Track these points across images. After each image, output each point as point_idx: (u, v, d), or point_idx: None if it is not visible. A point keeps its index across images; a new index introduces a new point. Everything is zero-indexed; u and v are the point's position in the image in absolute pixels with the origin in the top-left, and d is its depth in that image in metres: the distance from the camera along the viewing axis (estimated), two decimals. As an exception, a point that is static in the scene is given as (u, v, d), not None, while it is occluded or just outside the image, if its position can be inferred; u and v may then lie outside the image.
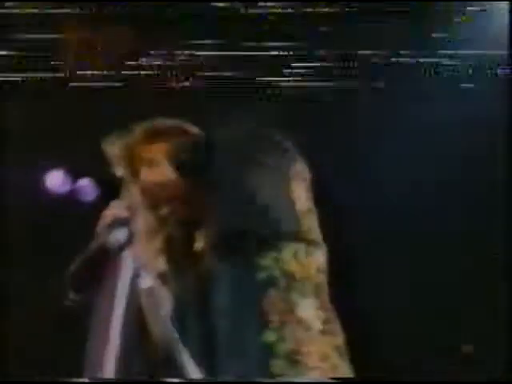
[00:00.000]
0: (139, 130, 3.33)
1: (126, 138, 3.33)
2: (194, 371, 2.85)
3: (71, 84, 6.06)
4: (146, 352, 3.10)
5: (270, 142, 3.28)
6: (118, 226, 2.91)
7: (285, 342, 3.04)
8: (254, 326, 3.06)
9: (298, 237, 3.19)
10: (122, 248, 2.86)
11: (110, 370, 2.81)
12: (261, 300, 3.06)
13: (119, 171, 3.33)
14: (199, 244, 3.23)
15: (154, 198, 3.23)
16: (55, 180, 6.99)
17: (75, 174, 6.85)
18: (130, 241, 2.87)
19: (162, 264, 3.25)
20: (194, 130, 3.36)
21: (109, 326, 2.87)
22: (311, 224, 3.28)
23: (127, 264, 2.87)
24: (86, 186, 6.59)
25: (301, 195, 3.21)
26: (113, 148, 3.34)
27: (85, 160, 4.15)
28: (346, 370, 3.16)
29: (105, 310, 2.90)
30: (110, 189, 3.33)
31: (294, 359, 3.07)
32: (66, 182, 7.04)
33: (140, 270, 2.88)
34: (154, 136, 3.31)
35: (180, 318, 3.08)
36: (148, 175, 3.24)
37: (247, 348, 3.10)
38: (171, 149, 3.25)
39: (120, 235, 2.87)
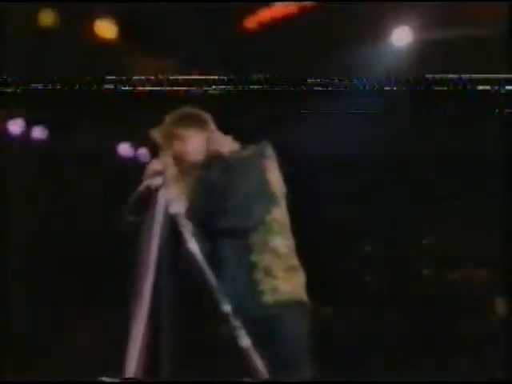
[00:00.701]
0: (172, 116, 3.77)
1: (163, 122, 3.76)
2: (211, 276, 3.33)
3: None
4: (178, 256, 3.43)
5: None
6: (156, 175, 3.43)
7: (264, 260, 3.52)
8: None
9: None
10: (158, 188, 3.39)
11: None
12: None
13: (159, 144, 3.73)
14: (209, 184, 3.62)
15: (179, 159, 3.65)
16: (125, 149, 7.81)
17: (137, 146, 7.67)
18: (163, 184, 3.40)
19: (183, 199, 3.56)
20: (208, 117, 3.81)
21: (151, 237, 3.33)
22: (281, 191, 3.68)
23: (162, 198, 3.39)
24: (143, 154, 7.53)
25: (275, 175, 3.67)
26: (156, 129, 3.74)
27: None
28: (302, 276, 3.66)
29: (149, 226, 3.33)
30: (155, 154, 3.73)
31: (269, 272, 3.53)
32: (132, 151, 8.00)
33: (170, 202, 3.38)
34: (181, 119, 3.75)
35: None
36: (177, 146, 3.69)
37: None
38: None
39: (157, 181, 3.41)
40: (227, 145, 3.77)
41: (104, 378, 3.29)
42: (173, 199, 3.44)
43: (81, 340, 7.38)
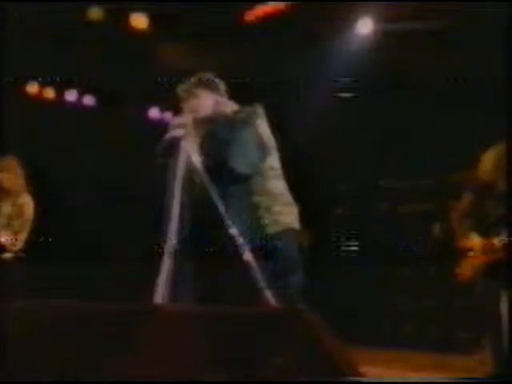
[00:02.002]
0: (195, 77, 3.73)
1: (187, 81, 3.75)
2: (221, 207, 3.26)
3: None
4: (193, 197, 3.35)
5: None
6: (178, 127, 3.47)
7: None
8: None
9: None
10: (180, 138, 3.42)
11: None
12: None
13: (181, 97, 3.71)
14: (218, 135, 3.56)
15: (193, 113, 3.61)
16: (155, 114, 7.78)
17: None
18: (184, 136, 3.43)
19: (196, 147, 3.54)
20: (221, 83, 3.76)
21: (175, 177, 3.27)
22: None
23: (184, 147, 3.39)
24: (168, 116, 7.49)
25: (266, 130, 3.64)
26: (180, 85, 3.72)
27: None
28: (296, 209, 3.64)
29: (174, 168, 3.31)
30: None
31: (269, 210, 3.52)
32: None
33: (190, 151, 3.41)
34: (200, 82, 3.72)
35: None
36: (193, 101, 3.68)
37: None
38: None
39: (180, 132, 3.45)
40: (229, 106, 3.76)
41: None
42: (191, 147, 3.45)
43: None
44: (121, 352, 2.09)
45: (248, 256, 3.23)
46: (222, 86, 3.79)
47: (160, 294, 3.03)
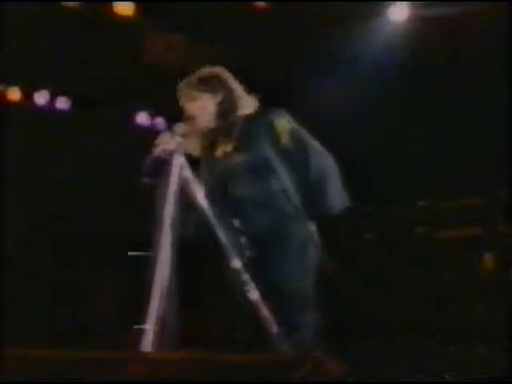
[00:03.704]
0: (191, 77, 3.74)
1: (184, 81, 3.75)
2: (221, 234, 3.42)
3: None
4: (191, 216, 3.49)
5: None
6: (170, 140, 3.48)
7: None
8: None
9: None
10: (172, 153, 3.45)
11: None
12: None
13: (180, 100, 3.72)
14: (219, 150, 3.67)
15: (191, 121, 3.65)
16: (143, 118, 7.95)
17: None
18: (177, 149, 3.46)
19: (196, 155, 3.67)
20: (226, 78, 3.77)
21: (166, 199, 3.38)
22: None
23: (176, 162, 3.45)
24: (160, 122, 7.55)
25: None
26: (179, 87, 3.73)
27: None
28: None
29: (163, 189, 3.40)
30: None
31: None
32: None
33: (183, 166, 3.45)
34: (197, 81, 3.72)
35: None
36: (190, 107, 3.68)
37: None
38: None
39: (171, 145, 3.48)
40: (242, 108, 3.74)
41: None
42: (185, 163, 3.52)
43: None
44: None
45: (254, 294, 3.40)
46: (234, 83, 3.76)
47: (148, 341, 3.17)
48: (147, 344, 3.19)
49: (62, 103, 7.66)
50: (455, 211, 6.90)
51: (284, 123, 3.67)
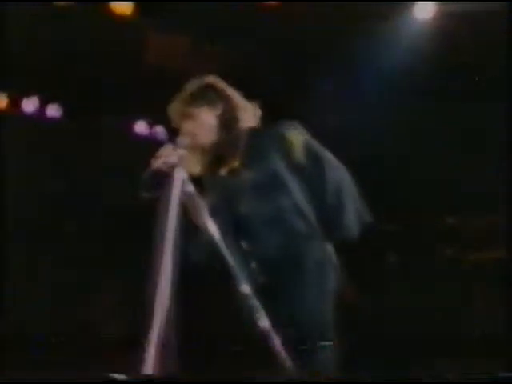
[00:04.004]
0: (183, 92, 3.63)
1: (176, 98, 3.64)
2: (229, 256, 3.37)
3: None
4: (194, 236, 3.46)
5: None
6: (172, 153, 3.39)
7: None
8: None
9: None
10: (174, 166, 3.34)
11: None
12: None
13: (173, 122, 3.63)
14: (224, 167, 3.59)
15: (191, 139, 3.53)
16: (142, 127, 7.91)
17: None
18: (179, 162, 3.36)
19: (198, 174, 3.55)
20: (223, 88, 3.66)
21: (167, 216, 3.27)
22: None
23: (178, 176, 3.34)
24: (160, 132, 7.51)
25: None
26: (169, 107, 3.64)
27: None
28: None
29: (165, 205, 3.29)
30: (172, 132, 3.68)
31: None
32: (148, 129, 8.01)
33: (185, 181, 3.36)
34: (191, 96, 3.61)
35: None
36: (188, 125, 3.59)
37: None
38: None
39: (173, 158, 3.37)
40: (243, 119, 3.64)
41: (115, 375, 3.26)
42: (188, 178, 3.42)
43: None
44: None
45: (264, 322, 3.28)
46: (231, 92, 3.68)
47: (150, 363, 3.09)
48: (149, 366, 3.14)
49: (53, 111, 7.65)
50: (487, 229, 6.82)
51: (296, 135, 3.60)
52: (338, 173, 3.59)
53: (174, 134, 3.63)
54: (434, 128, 6.78)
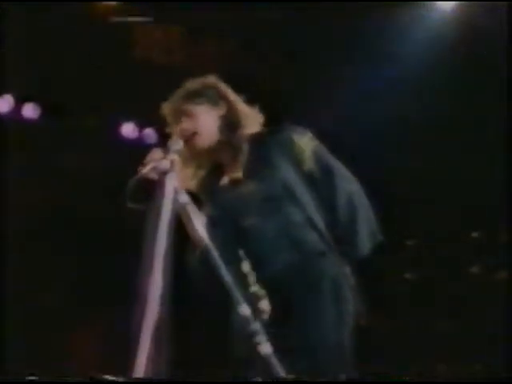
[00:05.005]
0: (182, 89, 3.68)
1: (172, 96, 3.68)
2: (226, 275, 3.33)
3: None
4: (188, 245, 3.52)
5: None
6: (163, 158, 3.37)
7: None
8: None
9: None
10: (165, 173, 3.32)
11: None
12: None
13: (168, 121, 3.66)
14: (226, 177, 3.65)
15: (188, 140, 3.55)
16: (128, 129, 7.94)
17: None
18: (171, 168, 3.33)
19: (193, 186, 3.60)
20: (225, 88, 3.72)
21: (157, 228, 3.25)
22: None
23: (170, 184, 3.33)
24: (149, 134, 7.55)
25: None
26: (165, 104, 3.67)
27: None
28: None
29: (155, 216, 3.28)
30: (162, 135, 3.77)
31: None
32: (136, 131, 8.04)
33: (178, 189, 3.35)
34: (191, 93, 3.67)
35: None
36: (185, 124, 3.62)
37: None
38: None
39: (164, 164, 3.35)
40: (246, 125, 3.68)
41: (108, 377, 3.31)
42: (181, 186, 3.43)
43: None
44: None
45: (266, 348, 3.26)
46: (233, 95, 3.71)
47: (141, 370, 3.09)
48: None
49: (30, 111, 7.64)
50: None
51: (306, 141, 3.62)
52: (349, 186, 3.60)
53: (165, 137, 3.63)
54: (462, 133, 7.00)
